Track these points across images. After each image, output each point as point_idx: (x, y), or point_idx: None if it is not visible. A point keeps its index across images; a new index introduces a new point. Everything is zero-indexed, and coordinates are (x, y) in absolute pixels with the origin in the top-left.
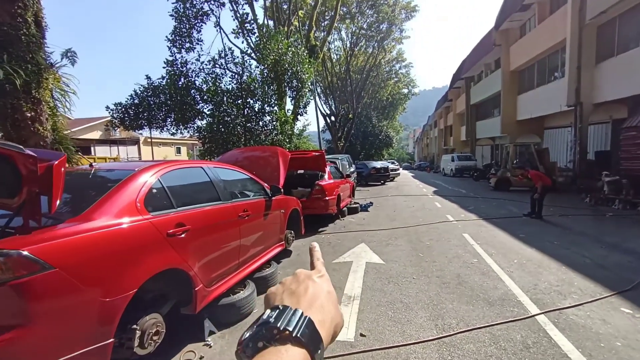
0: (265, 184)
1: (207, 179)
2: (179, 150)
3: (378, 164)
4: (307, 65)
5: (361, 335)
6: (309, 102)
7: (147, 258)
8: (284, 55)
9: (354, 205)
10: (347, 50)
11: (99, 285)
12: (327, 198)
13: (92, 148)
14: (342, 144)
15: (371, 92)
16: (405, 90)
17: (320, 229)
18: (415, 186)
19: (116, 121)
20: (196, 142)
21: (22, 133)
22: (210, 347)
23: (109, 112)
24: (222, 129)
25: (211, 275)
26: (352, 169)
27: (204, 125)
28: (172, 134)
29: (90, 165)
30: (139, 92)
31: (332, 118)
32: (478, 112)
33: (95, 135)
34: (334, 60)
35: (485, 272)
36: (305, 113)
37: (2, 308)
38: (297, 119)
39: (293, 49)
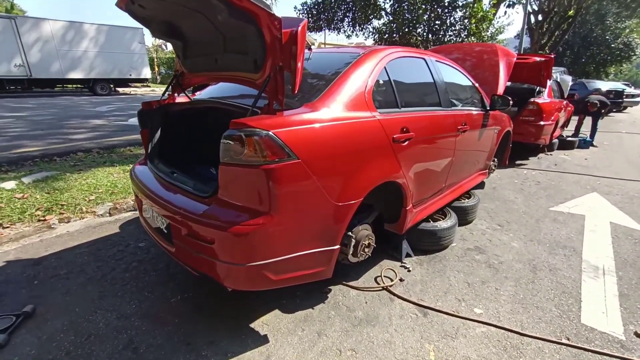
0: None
1: (429, 77)
2: None
3: (606, 85)
4: None
5: (636, 335)
6: None
7: (374, 164)
8: None
9: (570, 139)
10: None
11: (333, 186)
12: (542, 123)
13: None
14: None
15: None
16: None
17: (519, 162)
18: None
19: None
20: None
21: None
22: (409, 271)
23: (296, 13)
24: (401, 30)
25: (420, 195)
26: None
27: (381, 25)
28: (348, 36)
29: (309, 48)
30: None
31: (539, 17)
32: None
33: None
34: None
35: None
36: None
37: (256, 192)
38: (504, 14)
39: None
